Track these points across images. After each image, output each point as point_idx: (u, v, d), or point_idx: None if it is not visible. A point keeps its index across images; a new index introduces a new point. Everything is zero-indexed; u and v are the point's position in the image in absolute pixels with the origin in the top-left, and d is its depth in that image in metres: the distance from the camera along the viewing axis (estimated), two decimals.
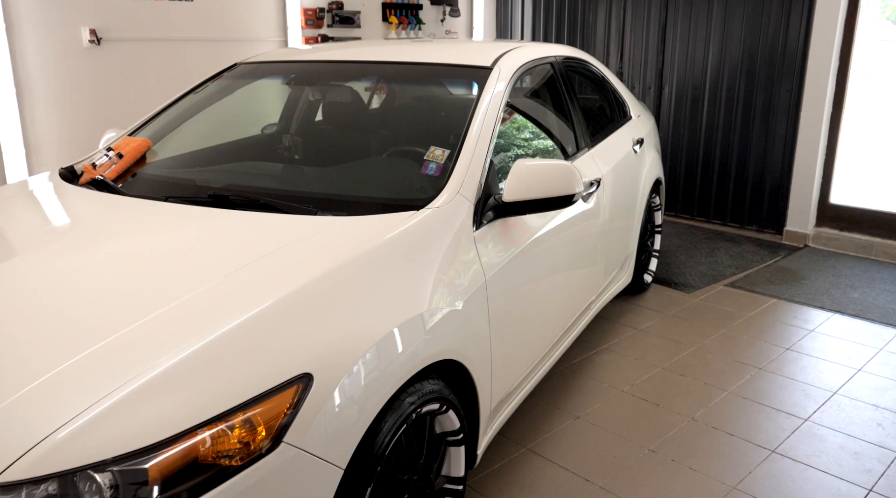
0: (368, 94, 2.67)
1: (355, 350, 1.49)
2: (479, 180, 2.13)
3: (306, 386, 1.36)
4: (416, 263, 1.79)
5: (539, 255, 2.41)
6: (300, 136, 2.52)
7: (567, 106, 3.05)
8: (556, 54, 3.16)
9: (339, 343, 1.47)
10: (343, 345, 1.47)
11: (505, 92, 2.49)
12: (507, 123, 2.58)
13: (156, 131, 2.65)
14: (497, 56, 2.65)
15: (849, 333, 3.53)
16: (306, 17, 5.37)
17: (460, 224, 1.99)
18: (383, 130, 2.55)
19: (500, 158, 2.41)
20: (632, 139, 3.65)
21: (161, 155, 2.53)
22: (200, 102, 2.77)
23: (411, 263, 1.78)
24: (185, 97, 2.82)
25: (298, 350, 1.39)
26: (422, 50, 2.79)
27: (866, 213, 4.78)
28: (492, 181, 2.22)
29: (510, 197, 2.11)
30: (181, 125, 2.69)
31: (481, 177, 2.15)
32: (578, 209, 2.75)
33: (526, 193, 2.11)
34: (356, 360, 1.48)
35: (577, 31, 6.15)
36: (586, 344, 3.41)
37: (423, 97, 2.68)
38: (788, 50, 4.91)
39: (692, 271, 4.47)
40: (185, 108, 2.76)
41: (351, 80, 2.67)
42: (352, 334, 1.51)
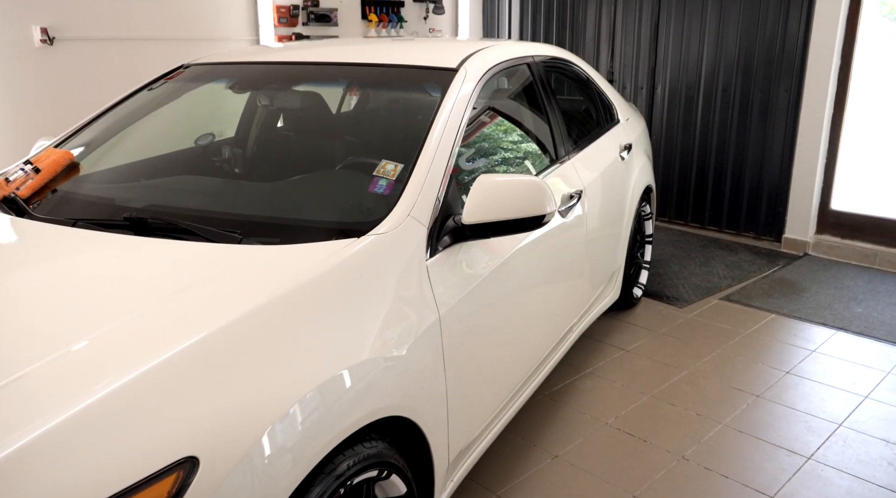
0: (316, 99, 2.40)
1: (260, 421, 1.22)
2: (435, 199, 1.87)
3: (189, 473, 1.09)
4: (349, 303, 1.52)
5: (508, 280, 2.14)
6: (240, 147, 2.26)
7: (546, 111, 2.78)
8: (535, 54, 2.89)
9: (240, 414, 1.20)
10: (244, 416, 1.20)
11: (471, 97, 2.22)
12: (474, 132, 2.31)
13: (85, 142, 2.38)
14: (465, 57, 2.39)
15: (853, 354, 3.27)
16: (279, 14, 5.09)
17: (410, 252, 1.73)
18: (331, 142, 2.28)
19: (464, 173, 2.14)
20: (619, 145, 3.39)
21: (87, 169, 2.26)
22: (141, 109, 2.49)
23: (344, 303, 1.51)
24: (125, 103, 2.55)
25: (182, 427, 1.12)
26: (383, 50, 2.52)
27: (869, 220, 4.52)
28: (453, 200, 1.96)
29: (471, 219, 1.84)
30: (116, 135, 2.41)
31: (438, 195, 1.88)
32: (555, 225, 2.49)
33: (489, 214, 1.85)
34: (261, 433, 1.21)
35: (566, 29, 5.88)
36: (569, 368, 3.15)
37: (380, 103, 2.41)
38: (787, 47, 4.64)
39: (685, 283, 4.21)
40: (122, 116, 2.49)
41: (300, 83, 2.40)
42: (258, 401, 1.24)
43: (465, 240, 1.91)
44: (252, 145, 2.39)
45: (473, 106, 2.22)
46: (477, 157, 2.27)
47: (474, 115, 2.32)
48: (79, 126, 2.49)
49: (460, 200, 1.99)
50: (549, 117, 2.78)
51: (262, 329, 1.35)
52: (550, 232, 2.45)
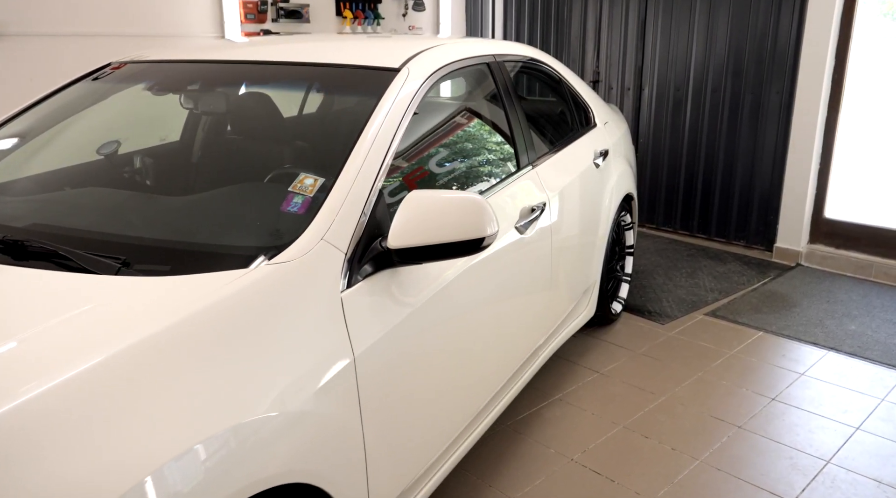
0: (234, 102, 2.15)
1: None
2: (358, 219, 1.62)
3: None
4: (233, 348, 1.28)
5: (451, 307, 1.90)
6: (151, 156, 2.02)
7: (507, 115, 2.53)
8: (496, 53, 2.64)
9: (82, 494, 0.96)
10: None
11: (412, 100, 1.97)
12: (417, 141, 2.07)
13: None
14: (410, 56, 2.14)
15: (845, 378, 3.02)
16: (246, 10, 4.84)
17: (320, 283, 1.48)
18: (248, 152, 2.03)
19: (400, 188, 1.89)
20: (594, 151, 3.14)
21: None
22: (56, 113, 2.25)
23: (225, 349, 1.27)
24: (38, 105, 2.30)
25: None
26: (324, 48, 2.28)
27: (865, 230, 4.27)
28: (383, 219, 1.71)
29: (398, 242, 1.60)
30: (24, 144, 2.17)
31: (363, 214, 1.64)
32: (511, 241, 2.24)
33: (419, 237, 1.60)
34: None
35: (550, 27, 5.63)
36: (536, 393, 2.90)
37: (310, 107, 2.16)
38: (779, 47, 4.39)
39: (670, 296, 3.96)
40: (36, 120, 2.24)
41: (223, 85, 2.16)
42: (105, 476, 1.00)
43: (392, 266, 1.66)
44: (160, 155, 2.14)
45: (416, 111, 1.98)
46: (418, 170, 2.03)
47: (418, 122, 2.08)
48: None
49: (389, 221, 1.74)
50: (512, 122, 2.53)
51: (110, 386, 1.11)
52: (505, 249, 2.20)
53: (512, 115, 2.54)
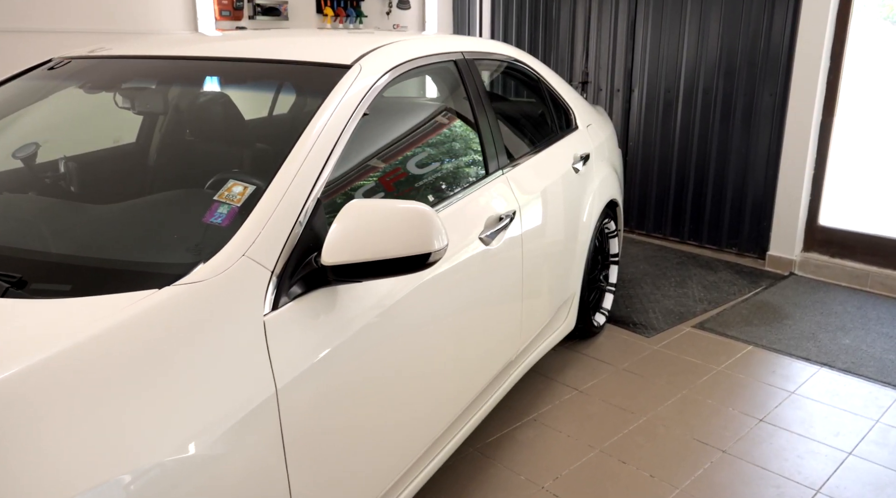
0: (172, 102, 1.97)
1: None
2: (289, 232, 1.45)
3: None
4: (123, 385, 1.11)
5: (400, 328, 1.73)
6: (74, 161, 1.84)
7: (475, 117, 2.36)
8: (466, 50, 2.47)
9: None
10: None
11: (363, 99, 1.80)
12: (367, 145, 1.90)
13: None
14: (364, 52, 1.97)
15: (837, 397, 2.85)
16: (220, 6, 4.67)
17: (239, 306, 1.31)
18: (180, 155, 1.86)
19: (345, 197, 1.72)
20: (573, 155, 2.97)
21: None
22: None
23: (115, 386, 1.10)
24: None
25: None
26: (274, 43, 2.10)
27: (861, 238, 4.10)
28: (321, 231, 1.54)
29: (333, 258, 1.43)
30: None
31: (295, 226, 1.47)
32: (475, 253, 2.07)
33: (358, 252, 1.43)
34: None
35: (538, 27, 5.46)
36: (509, 413, 2.73)
37: (252, 107, 1.99)
38: (772, 47, 4.23)
39: (657, 307, 3.79)
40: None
41: (162, 82, 1.98)
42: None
43: (328, 284, 1.49)
44: (89, 160, 1.97)
45: (367, 111, 1.81)
46: (367, 177, 1.86)
47: (371, 124, 1.91)
48: None
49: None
50: (480, 125, 2.36)
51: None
52: (468, 262, 2.03)
53: (481, 118, 2.37)
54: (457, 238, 1.99)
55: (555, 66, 5.41)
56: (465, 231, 2.04)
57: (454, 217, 2.02)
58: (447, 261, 1.92)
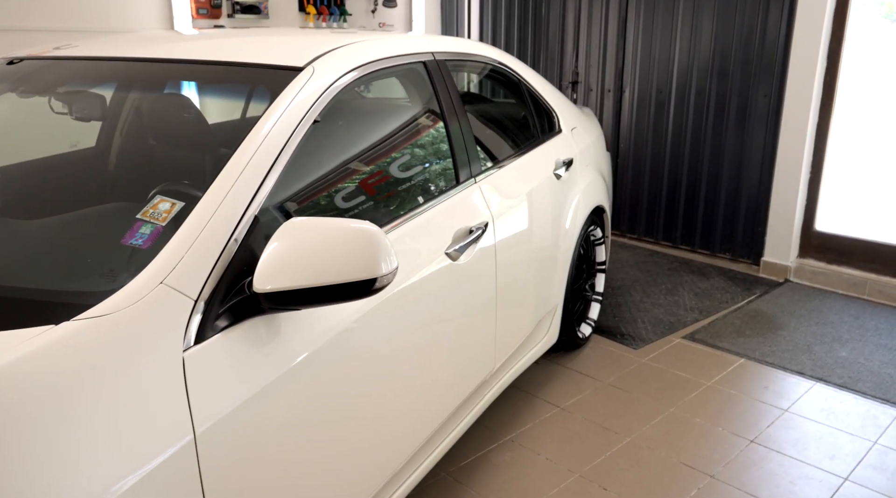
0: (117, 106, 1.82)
1: None
2: (217, 255, 1.30)
3: None
4: (10, 436, 0.96)
5: (351, 356, 1.58)
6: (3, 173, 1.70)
7: (445, 122, 2.21)
8: (437, 50, 2.32)
9: None
10: None
11: (314, 105, 1.66)
12: (320, 154, 1.75)
13: None
14: (321, 53, 1.82)
15: (833, 415, 2.71)
16: (198, 4, 4.52)
17: (152, 341, 1.16)
18: (111, 167, 1.71)
19: (289, 214, 1.57)
20: (555, 160, 2.82)
21: None
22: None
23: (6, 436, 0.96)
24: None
25: None
26: (225, 43, 1.96)
27: (858, 244, 3.96)
28: (259, 252, 1.39)
29: (266, 284, 1.28)
30: None
31: (227, 248, 1.32)
32: (440, 267, 1.92)
33: (294, 278, 1.29)
34: None
35: (528, 25, 5.31)
36: (486, 432, 2.59)
37: (190, 114, 1.83)
38: (767, 46, 4.08)
39: (646, 316, 3.64)
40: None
41: (97, 85, 1.83)
42: None
43: (263, 313, 1.35)
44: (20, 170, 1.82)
45: (318, 118, 1.66)
46: (318, 191, 1.71)
47: (326, 132, 1.76)
48: None
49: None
50: (451, 131, 2.21)
51: None
52: (433, 279, 1.89)
53: (452, 123, 2.23)
54: (420, 254, 1.85)
55: (544, 66, 5.26)
56: (430, 247, 1.90)
57: (417, 232, 1.87)
58: (408, 279, 1.78)
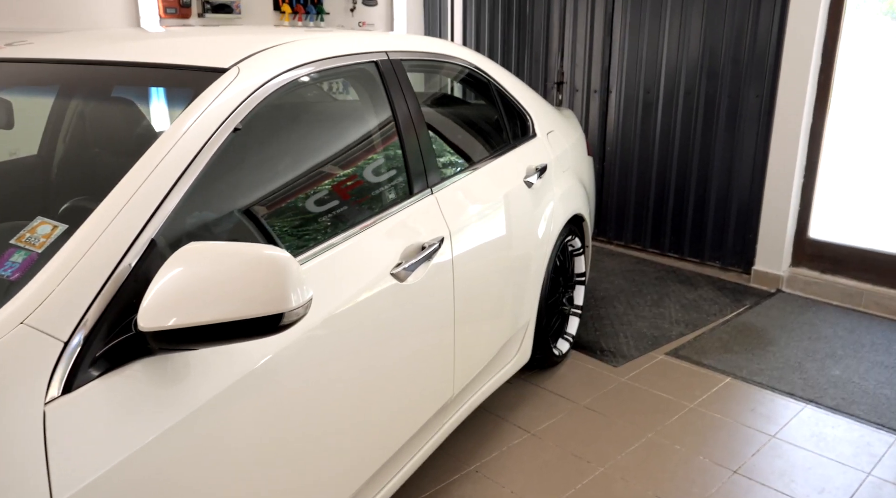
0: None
1: None
2: (98, 288, 1.12)
3: None
4: None
5: (271, 395, 1.40)
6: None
7: (399, 129, 2.03)
8: (391, 49, 2.14)
9: None
10: None
11: (236, 111, 1.48)
12: (244, 166, 1.57)
13: None
14: (252, 52, 1.64)
15: (824, 442, 2.53)
16: (166, 3, 4.34)
17: (4, 393, 0.98)
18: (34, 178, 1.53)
19: (192, 237, 1.39)
20: (527, 167, 2.64)
21: None
22: None
23: None
24: None
25: None
26: (151, 43, 1.78)
27: (854, 252, 3.77)
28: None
29: (152, 322, 1.10)
30: None
31: (108, 280, 1.14)
32: (385, 293, 1.74)
33: (187, 314, 1.11)
34: None
35: (512, 24, 5.13)
36: (449, 460, 2.40)
37: (100, 120, 1.65)
38: (758, 44, 3.90)
39: (629, 330, 3.46)
40: None
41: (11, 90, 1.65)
42: None
43: (153, 353, 1.17)
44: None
45: (238, 126, 1.48)
46: (239, 209, 1.52)
47: (249, 140, 1.58)
48: None
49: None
50: (405, 138, 2.03)
51: None
52: (374, 303, 1.70)
53: (406, 129, 2.04)
54: (359, 276, 1.66)
55: (529, 66, 5.08)
56: (371, 267, 1.71)
57: (357, 252, 1.69)
58: (346, 304, 1.59)
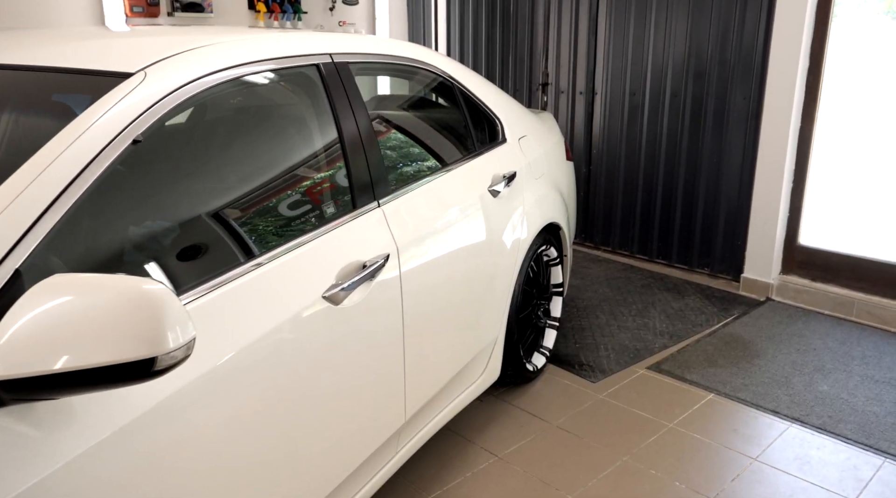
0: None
1: None
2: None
3: None
4: None
5: (170, 439, 1.25)
6: None
7: (342, 138, 1.88)
8: (336, 51, 1.98)
9: None
10: None
11: (139, 120, 1.33)
12: (150, 183, 1.42)
13: None
14: (167, 55, 1.49)
15: (808, 466, 2.37)
16: (132, 2, 4.19)
17: None
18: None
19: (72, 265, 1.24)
20: (493, 175, 2.49)
21: None
22: None
23: None
24: None
25: None
26: (56, 46, 1.63)
27: (846, 260, 3.61)
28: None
29: (2, 369, 0.95)
30: None
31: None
32: (316, 318, 1.59)
33: (42, 359, 0.96)
34: None
35: (496, 25, 4.97)
36: (408, 487, 2.25)
37: (17, 130, 1.51)
38: (745, 45, 3.74)
39: (610, 343, 3.31)
40: None
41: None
42: None
43: (3, 404, 1.02)
44: None
45: (138, 138, 1.33)
46: (139, 231, 1.37)
47: (158, 152, 1.43)
48: None
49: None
50: (348, 146, 1.88)
51: None
52: (300, 329, 1.55)
53: (350, 137, 1.89)
54: (279, 303, 1.51)
55: (514, 67, 4.92)
56: (300, 290, 1.56)
57: (281, 275, 1.53)
58: (258, 334, 1.44)
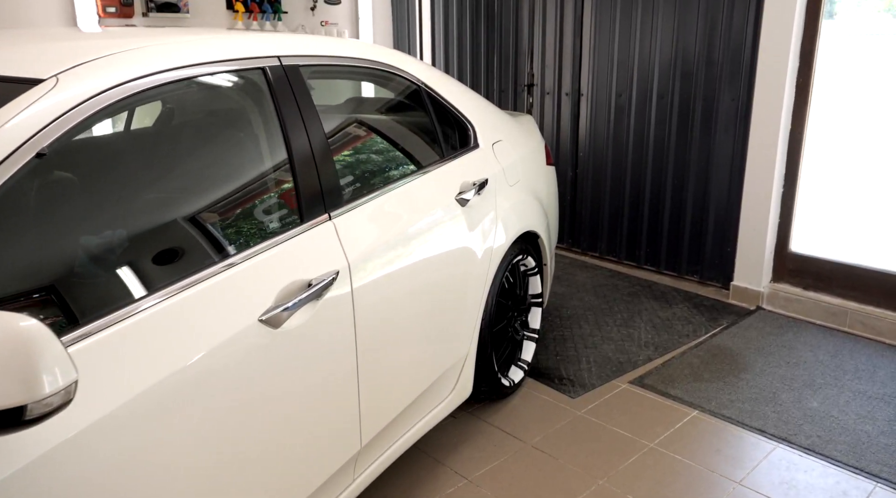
0: None
1: None
2: None
3: None
4: None
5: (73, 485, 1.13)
6: None
7: (289, 146, 1.75)
8: (285, 53, 1.86)
9: None
10: None
11: (45, 130, 1.21)
12: (58, 201, 1.29)
13: None
14: (86, 59, 1.37)
15: (795, 491, 2.25)
16: (105, 2, 4.07)
17: None
18: None
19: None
20: (462, 182, 2.37)
21: None
22: None
23: None
24: None
25: None
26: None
27: (838, 268, 3.49)
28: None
29: None
30: None
31: None
32: (250, 345, 1.47)
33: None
34: None
35: (480, 25, 4.85)
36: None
37: None
38: (733, 45, 3.61)
39: (593, 354, 3.18)
40: None
41: None
42: None
43: None
44: None
45: (42, 151, 1.21)
46: (37, 254, 1.25)
47: (63, 168, 1.31)
48: None
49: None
50: (296, 155, 1.75)
51: None
52: (234, 358, 1.43)
53: (299, 147, 1.77)
54: (212, 328, 1.39)
55: (499, 68, 4.80)
56: (232, 314, 1.44)
57: (208, 299, 1.41)
58: (179, 365, 1.32)
